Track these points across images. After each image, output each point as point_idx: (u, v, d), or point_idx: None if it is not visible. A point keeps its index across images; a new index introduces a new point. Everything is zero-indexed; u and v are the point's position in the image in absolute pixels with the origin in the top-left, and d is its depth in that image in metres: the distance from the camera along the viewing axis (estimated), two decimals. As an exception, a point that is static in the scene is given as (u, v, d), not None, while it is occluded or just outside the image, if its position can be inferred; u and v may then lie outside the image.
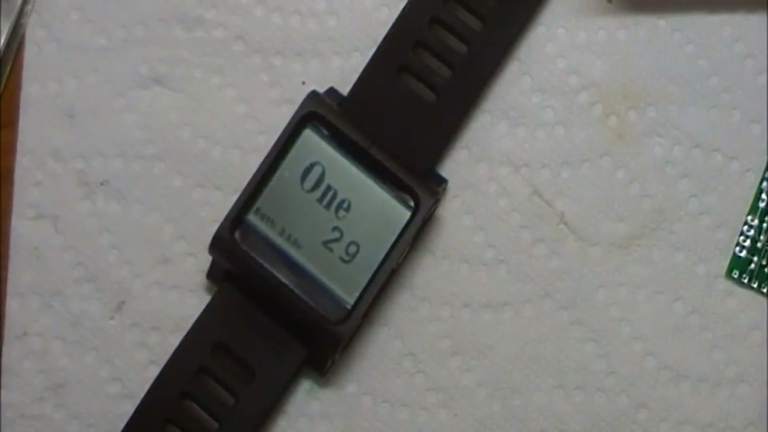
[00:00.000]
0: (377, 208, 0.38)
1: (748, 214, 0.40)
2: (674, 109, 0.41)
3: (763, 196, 0.40)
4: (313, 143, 0.39)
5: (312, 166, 0.38)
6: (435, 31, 0.40)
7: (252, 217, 0.38)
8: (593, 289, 0.40)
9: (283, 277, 0.38)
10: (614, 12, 0.41)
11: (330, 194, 0.38)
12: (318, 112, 0.39)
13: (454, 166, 0.41)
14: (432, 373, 0.40)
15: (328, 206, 0.38)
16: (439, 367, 0.40)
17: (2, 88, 0.41)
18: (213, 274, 0.39)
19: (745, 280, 0.40)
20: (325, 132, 0.39)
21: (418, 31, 0.40)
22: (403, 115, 0.40)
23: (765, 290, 0.40)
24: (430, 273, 0.40)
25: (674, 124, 0.41)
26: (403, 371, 0.40)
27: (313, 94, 0.39)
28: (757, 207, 0.40)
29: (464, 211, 0.40)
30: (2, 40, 0.41)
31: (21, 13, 0.41)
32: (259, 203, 0.38)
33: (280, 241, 0.38)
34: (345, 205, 0.38)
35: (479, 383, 0.40)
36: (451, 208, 0.40)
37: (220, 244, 0.38)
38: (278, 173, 0.38)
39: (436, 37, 0.40)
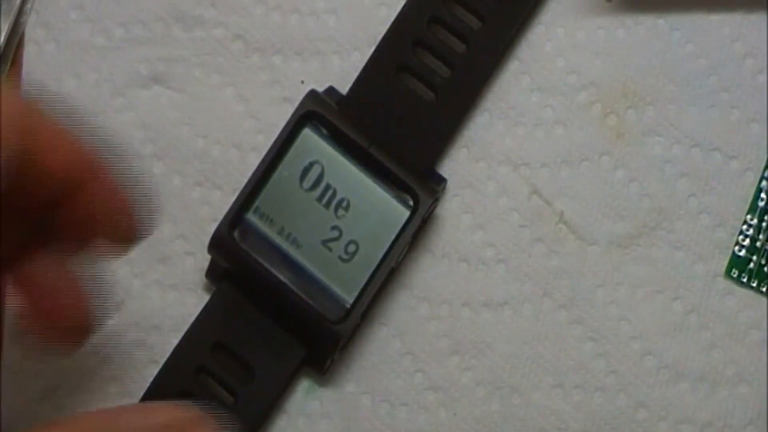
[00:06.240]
0: (376, 207, 0.38)
1: (748, 214, 0.40)
2: (673, 109, 0.41)
3: (763, 195, 0.40)
4: (312, 142, 0.39)
5: (311, 165, 0.38)
6: (434, 31, 0.40)
7: (251, 216, 0.38)
8: (592, 288, 0.40)
9: (283, 276, 0.38)
10: (613, 11, 0.41)
11: (329, 193, 0.38)
12: (317, 111, 0.39)
13: (454, 165, 0.41)
14: (431, 372, 0.40)
15: (327, 205, 0.38)
16: (439, 366, 0.40)
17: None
18: (212, 273, 0.39)
19: (745, 280, 0.40)
20: (324, 131, 0.39)
21: (417, 30, 0.40)
22: (403, 114, 0.40)
23: (764, 289, 0.40)
24: (429, 272, 0.40)
25: (673, 124, 0.41)
26: (402, 370, 0.40)
27: (312, 93, 0.39)
28: (757, 206, 0.40)
29: (463, 211, 0.40)
30: (2, 40, 0.41)
31: (20, 12, 0.41)
32: (258, 202, 0.38)
33: (279, 240, 0.38)
34: (344, 204, 0.38)
35: (478, 382, 0.40)
36: (451, 208, 0.40)
37: (219, 243, 0.38)
38: (277, 172, 0.38)
39: (435, 37, 0.40)
